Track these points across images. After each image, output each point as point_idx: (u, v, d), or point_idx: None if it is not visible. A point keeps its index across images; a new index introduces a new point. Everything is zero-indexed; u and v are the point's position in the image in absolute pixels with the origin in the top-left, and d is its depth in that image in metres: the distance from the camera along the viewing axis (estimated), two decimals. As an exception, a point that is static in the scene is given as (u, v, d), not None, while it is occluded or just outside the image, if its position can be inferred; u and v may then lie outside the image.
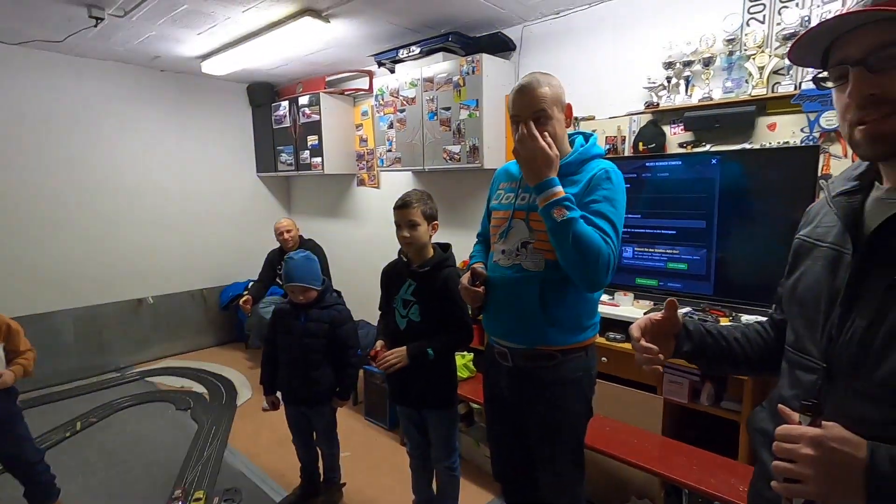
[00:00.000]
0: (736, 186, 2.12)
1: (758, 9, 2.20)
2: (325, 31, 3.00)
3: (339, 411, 2.23)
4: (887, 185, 0.72)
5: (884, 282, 0.67)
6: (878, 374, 0.65)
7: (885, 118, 0.64)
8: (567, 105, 1.42)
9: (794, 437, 0.65)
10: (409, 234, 1.78)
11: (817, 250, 0.79)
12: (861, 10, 0.63)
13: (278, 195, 5.15)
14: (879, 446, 0.61)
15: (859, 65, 0.64)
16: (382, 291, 1.99)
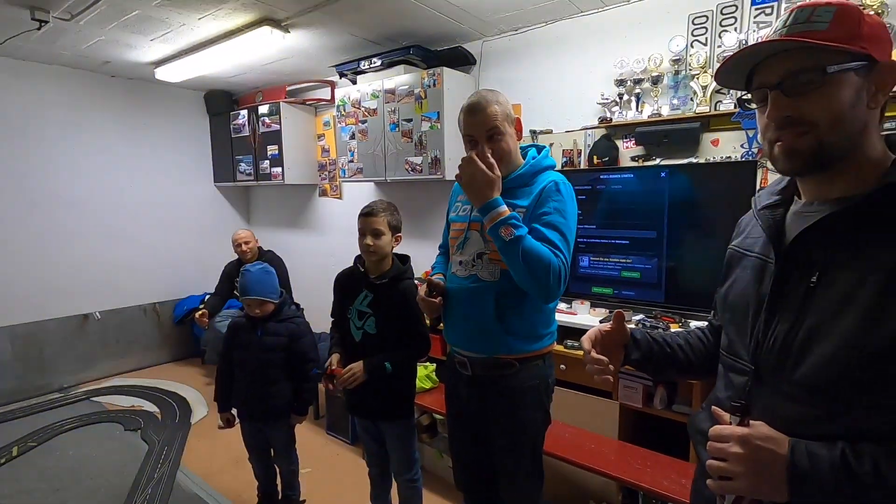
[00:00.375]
0: (683, 198, 2.23)
1: (700, 32, 2.34)
2: (285, 41, 2.97)
3: (299, 426, 2.18)
4: (803, 200, 0.78)
5: (801, 288, 0.72)
6: (797, 374, 0.70)
7: (799, 137, 0.69)
8: (516, 119, 1.46)
9: (724, 436, 0.69)
10: (372, 242, 1.77)
11: (746, 260, 0.84)
12: (776, 39, 0.70)
13: (237, 205, 5.02)
14: (799, 442, 0.65)
15: (776, 89, 0.70)
16: (335, 298, 1.96)
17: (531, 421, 1.46)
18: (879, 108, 0.70)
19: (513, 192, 1.41)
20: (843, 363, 0.65)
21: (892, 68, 0.69)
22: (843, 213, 0.69)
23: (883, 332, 0.62)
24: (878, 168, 0.70)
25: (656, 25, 2.45)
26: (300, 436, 2.24)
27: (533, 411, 1.46)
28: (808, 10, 0.68)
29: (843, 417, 0.66)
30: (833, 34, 0.66)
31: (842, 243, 0.69)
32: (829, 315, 0.68)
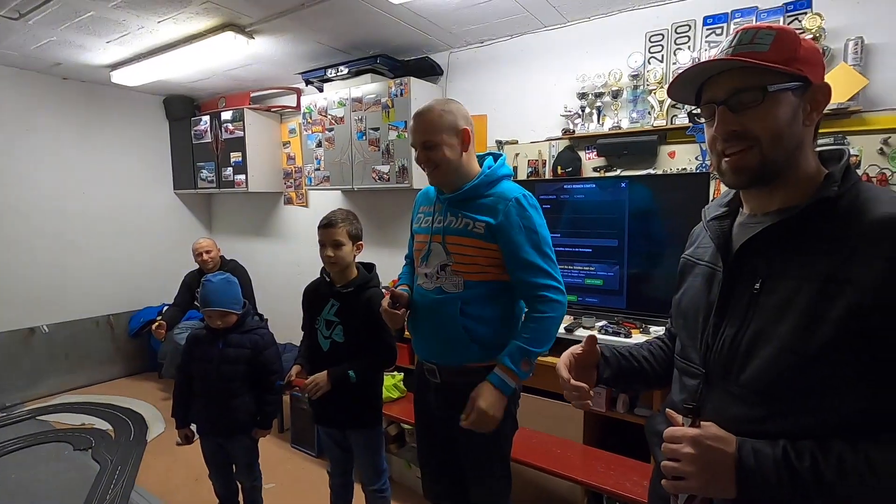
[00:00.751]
0: (642, 208, 2.31)
1: (657, 49, 2.45)
2: (250, 47, 2.93)
3: (262, 440, 2.12)
4: (747, 212, 0.83)
5: (746, 295, 0.77)
6: (742, 376, 0.74)
7: (744, 151, 0.74)
8: (464, 130, 1.42)
9: (677, 437, 0.72)
10: (333, 253, 1.78)
11: (697, 268, 0.89)
12: (722, 58, 0.74)
13: (198, 213, 4.88)
14: (745, 441, 0.69)
15: (723, 105, 0.75)
16: (304, 311, 1.96)
17: (499, 428, 1.47)
18: (813, 126, 0.76)
19: (468, 204, 1.43)
20: (783, 366, 0.70)
21: (824, 89, 0.74)
22: (780, 226, 0.74)
23: (816, 337, 0.67)
24: (812, 182, 0.75)
25: (615, 42, 2.54)
26: (263, 450, 2.18)
27: (501, 418, 1.47)
28: (751, 33, 0.73)
29: (784, 417, 0.70)
30: (773, 56, 0.71)
31: (780, 253, 0.74)
32: (770, 320, 0.72)
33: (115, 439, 3.17)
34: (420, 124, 1.42)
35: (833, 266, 0.68)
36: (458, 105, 1.45)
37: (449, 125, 1.41)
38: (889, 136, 1.96)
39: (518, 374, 1.37)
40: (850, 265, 0.66)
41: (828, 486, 0.63)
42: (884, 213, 0.67)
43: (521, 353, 1.36)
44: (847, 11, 2.02)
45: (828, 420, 0.68)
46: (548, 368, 2.31)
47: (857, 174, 0.75)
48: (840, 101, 1.97)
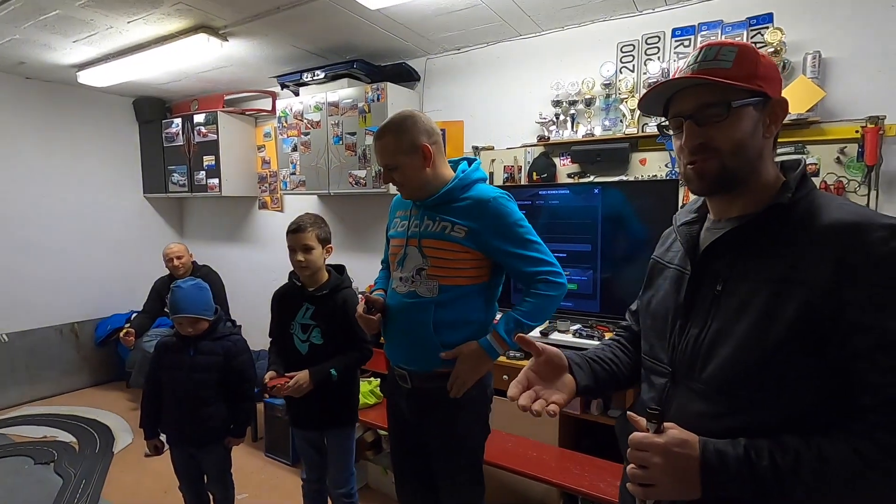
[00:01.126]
0: (615, 213, 2.37)
1: (628, 59, 2.52)
2: (223, 49, 2.88)
3: (237, 448, 2.08)
4: (713, 217, 0.87)
5: (709, 296, 0.80)
6: (705, 374, 0.77)
7: (707, 160, 0.78)
8: (423, 147, 1.41)
9: (645, 445, 0.73)
10: (303, 257, 1.81)
11: (667, 271, 0.92)
12: (687, 76, 0.78)
13: (169, 218, 4.76)
14: (708, 442, 0.71)
15: (689, 118, 0.78)
16: (273, 317, 1.97)
17: (470, 432, 1.48)
18: (773, 138, 0.80)
19: (445, 207, 1.44)
20: (741, 363, 0.73)
21: (782, 103, 0.79)
22: (739, 230, 0.78)
23: (771, 336, 0.70)
24: (771, 190, 0.79)
25: (588, 51, 2.60)
26: (236, 459, 2.13)
27: (471, 423, 1.48)
28: (715, 49, 0.78)
29: (742, 412, 0.73)
30: (735, 72, 0.75)
31: (740, 257, 0.78)
32: (730, 321, 0.75)
33: (80, 452, 3.05)
34: (378, 148, 1.45)
35: (786, 268, 0.71)
36: (417, 119, 1.43)
37: (407, 146, 1.41)
38: (845, 146, 2.06)
39: (508, 344, 1.39)
40: (802, 267, 0.70)
41: (786, 482, 0.66)
42: (832, 218, 0.71)
43: (516, 325, 1.39)
44: (805, 27, 2.12)
45: (783, 415, 0.71)
46: (524, 372, 2.34)
47: (813, 182, 0.79)
48: (800, 112, 2.05)
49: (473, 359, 1.40)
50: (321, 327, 1.84)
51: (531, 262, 1.40)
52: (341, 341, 1.84)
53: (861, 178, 2.04)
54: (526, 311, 1.40)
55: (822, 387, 0.69)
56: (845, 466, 0.64)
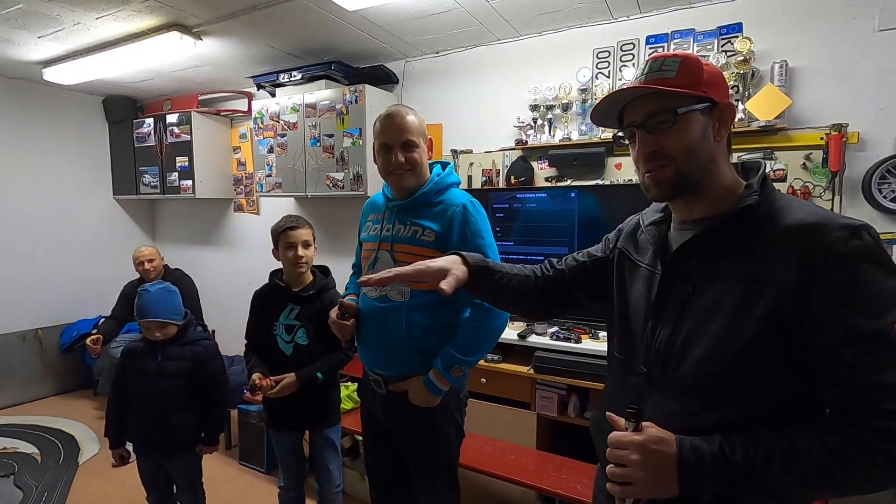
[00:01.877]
0: (591, 217, 2.40)
1: (604, 65, 2.56)
2: (197, 48, 2.82)
3: (209, 456, 2.02)
4: (679, 219, 0.88)
5: (680, 297, 0.81)
6: (678, 374, 0.79)
7: (663, 168, 0.80)
8: (430, 138, 1.49)
9: (623, 443, 0.74)
10: (303, 253, 1.84)
11: (639, 270, 0.92)
12: (636, 86, 0.80)
13: (140, 220, 4.63)
14: (684, 440, 0.72)
15: (641, 127, 0.81)
16: (252, 317, 1.95)
17: (444, 436, 1.47)
18: (725, 141, 0.83)
19: (417, 211, 1.43)
20: (713, 363, 0.75)
21: (729, 108, 0.81)
22: (708, 233, 0.80)
23: (742, 335, 0.72)
24: (730, 192, 0.81)
25: (565, 56, 2.63)
26: (209, 468, 2.07)
27: (446, 427, 1.47)
28: (660, 61, 0.80)
29: (716, 411, 0.75)
30: (679, 81, 0.77)
31: (709, 258, 0.80)
32: (702, 321, 0.77)
33: (42, 463, 2.93)
34: (400, 125, 1.41)
35: (754, 269, 0.73)
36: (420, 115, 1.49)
37: (421, 129, 1.45)
38: (811, 153, 2.13)
39: (450, 381, 1.38)
40: (768, 267, 0.72)
41: (759, 475, 0.67)
42: (794, 219, 0.73)
43: (452, 361, 1.37)
44: (773, 37, 2.19)
45: (755, 411, 0.72)
46: (500, 374, 2.35)
47: (772, 184, 0.82)
48: (768, 119, 2.11)
49: (420, 394, 1.40)
50: (307, 328, 1.85)
51: None
52: (326, 342, 1.84)
53: (826, 184, 2.11)
54: (461, 347, 1.38)
55: (791, 383, 0.72)
56: (814, 458, 0.66)
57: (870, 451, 0.64)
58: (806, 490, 0.69)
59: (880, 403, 0.65)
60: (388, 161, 1.42)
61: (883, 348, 0.66)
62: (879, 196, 2.02)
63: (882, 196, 2.02)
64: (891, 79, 2.01)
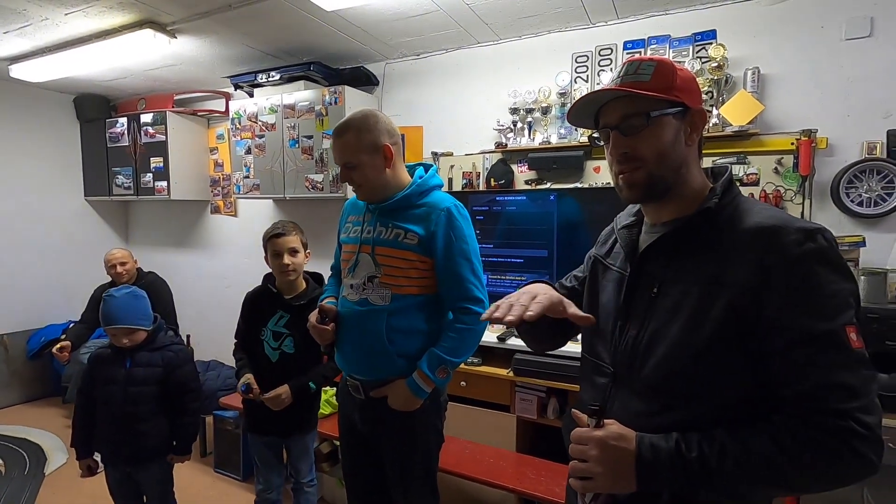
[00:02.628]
0: (570, 219, 2.41)
1: (582, 69, 2.58)
2: (172, 46, 2.77)
3: (183, 465, 1.96)
4: (649, 222, 0.89)
5: (646, 298, 0.82)
6: (642, 374, 0.80)
7: (636, 170, 0.81)
8: (385, 147, 1.38)
9: (584, 439, 0.75)
10: (290, 261, 1.80)
11: (610, 273, 0.94)
12: (611, 88, 0.81)
13: (112, 222, 4.51)
14: (643, 437, 0.73)
15: (615, 129, 0.81)
16: (243, 319, 1.93)
17: (423, 442, 1.45)
18: (696, 146, 0.84)
19: (400, 213, 1.42)
20: (675, 363, 0.76)
21: (700, 113, 0.83)
22: (671, 235, 0.81)
23: (702, 335, 0.73)
24: (699, 196, 0.82)
25: (545, 60, 2.65)
26: (183, 477, 2.02)
27: (424, 432, 1.45)
28: (635, 64, 0.81)
29: (678, 409, 0.76)
30: (654, 85, 0.78)
31: (673, 260, 0.81)
32: (665, 321, 0.78)
33: (6, 474, 2.82)
34: (338, 145, 1.39)
35: (714, 270, 0.75)
36: (379, 119, 1.40)
37: (369, 144, 1.37)
38: (782, 157, 2.18)
39: (434, 381, 1.38)
40: (727, 269, 0.74)
41: (713, 472, 0.68)
42: (754, 222, 0.75)
43: (438, 361, 1.37)
44: (746, 44, 2.24)
45: (716, 409, 0.74)
46: (479, 377, 2.34)
47: (738, 188, 0.83)
48: (741, 125, 2.16)
49: (402, 398, 1.39)
50: (294, 337, 1.82)
51: (462, 282, 1.39)
52: (313, 352, 1.82)
53: (797, 188, 2.16)
54: (448, 348, 1.38)
55: (748, 383, 0.73)
56: (764, 456, 0.67)
57: (818, 449, 0.66)
58: (758, 488, 0.70)
59: (830, 403, 0.66)
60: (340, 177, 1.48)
61: (833, 349, 0.67)
62: (847, 200, 2.08)
63: (850, 200, 2.08)
64: (857, 86, 2.07)
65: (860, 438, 0.65)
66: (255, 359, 1.85)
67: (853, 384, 0.66)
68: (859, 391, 0.66)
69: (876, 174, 2.03)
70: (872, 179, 2.03)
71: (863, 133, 2.07)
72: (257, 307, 1.89)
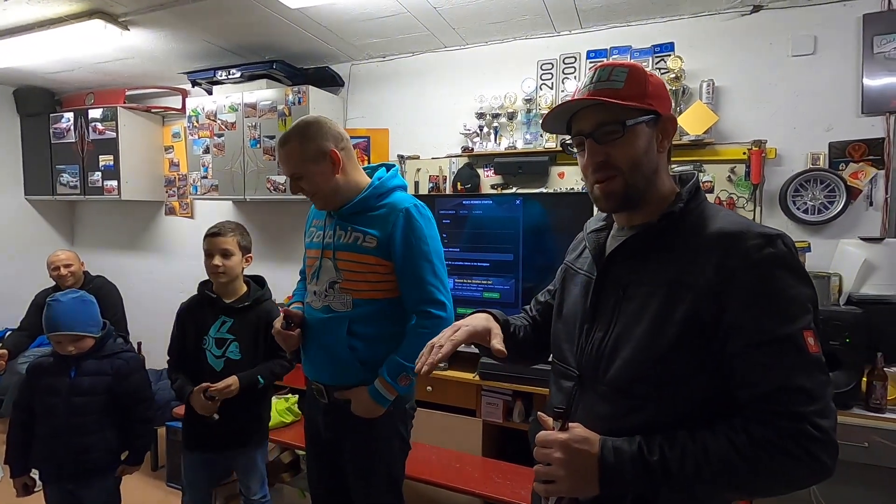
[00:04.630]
0: (535, 224, 2.44)
1: (547, 77, 2.63)
2: (124, 39, 2.63)
3: (133, 479, 1.85)
4: (619, 226, 0.90)
5: (612, 301, 0.83)
6: (608, 376, 0.80)
7: (612, 179, 0.81)
8: (331, 153, 1.35)
9: (549, 442, 0.75)
10: (221, 262, 1.71)
11: (578, 277, 0.94)
12: (582, 97, 0.81)
13: (56, 223, 4.24)
14: (606, 440, 0.73)
15: (590, 137, 0.81)
16: (177, 332, 1.81)
17: (388, 450, 1.43)
18: (666, 152, 0.85)
19: (358, 217, 1.39)
20: (639, 364, 0.77)
21: (672, 120, 0.84)
22: (637, 237, 0.82)
23: (665, 337, 0.75)
24: (667, 201, 0.84)
25: (511, 67, 2.68)
26: (133, 492, 1.91)
27: (390, 440, 1.43)
28: (608, 70, 0.81)
29: (641, 411, 0.76)
30: (627, 92, 0.79)
31: (638, 263, 0.82)
32: (631, 323, 0.79)
33: (-70, 497, 2.58)
34: (282, 156, 1.38)
35: (678, 273, 0.76)
36: (322, 125, 1.36)
37: (313, 153, 1.34)
38: (735, 166, 2.28)
39: (396, 389, 1.35)
40: (690, 272, 0.75)
41: (673, 473, 0.69)
42: (717, 227, 0.77)
43: (399, 368, 1.34)
44: (701, 57, 2.33)
45: (679, 411, 0.75)
46: (446, 382, 2.33)
47: (704, 194, 0.85)
48: (697, 134, 2.25)
49: (364, 405, 1.36)
50: (239, 342, 1.74)
51: (423, 285, 1.36)
52: (261, 356, 1.76)
53: (748, 195, 2.27)
54: (410, 353, 1.33)
55: (710, 384, 0.74)
56: (722, 457, 0.68)
57: (772, 450, 0.67)
58: (717, 489, 0.71)
59: (786, 406, 0.68)
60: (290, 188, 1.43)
61: (791, 353, 0.69)
62: (794, 207, 2.19)
63: (796, 207, 2.19)
64: (803, 100, 2.20)
65: (815, 442, 0.66)
66: (200, 371, 1.73)
67: (809, 388, 0.68)
68: (815, 395, 0.68)
69: (819, 183, 2.15)
70: (816, 188, 2.15)
71: (808, 144, 2.19)
72: (196, 316, 1.78)
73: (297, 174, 1.36)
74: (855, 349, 1.77)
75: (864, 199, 2.13)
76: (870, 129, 2.11)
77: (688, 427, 0.72)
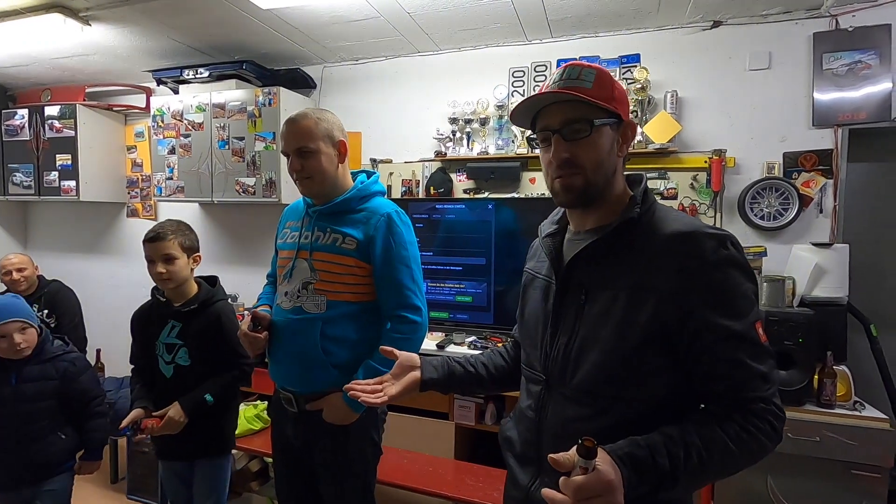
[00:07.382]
0: (507, 229, 2.48)
1: (519, 84, 2.67)
2: (84, 34, 2.54)
3: (91, 492, 1.78)
4: (573, 229, 0.92)
5: (574, 306, 0.85)
6: (574, 380, 0.82)
7: (573, 176, 0.83)
8: (340, 142, 1.40)
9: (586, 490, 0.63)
10: (164, 269, 1.61)
11: (537, 281, 0.96)
12: (551, 91, 0.82)
13: (8, 225, 4.03)
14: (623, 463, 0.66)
15: (557, 133, 0.83)
16: (135, 340, 1.74)
17: (359, 456, 1.41)
18: (623, 157, 0.88)
19: (339, 218, 1.39)
20: (605, 367, 0.79)
21: (632, 126, 0.88)
22: (597, 243, 0.84)
23: (629, 339, 0.77)
24: (620, 203, 0.86)
25: (483, 73, 2.72)
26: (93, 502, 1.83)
27: (361, 445, 1.41)
28: (577, 69, 0.83)
29: (609, 413, 0.79)
30: (595, 93, 0.81)
31: (599, 268, 0.84)
32: (594, 328, 0.81)
33: None
34: (295, 130, 1.35)
35: (639, 276, 0.79)
36: (333, 115, 1.42)
37: (326, 133, 1.37)
38: (697, 174, 2.38)
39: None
40: (651, 274, 0.78)
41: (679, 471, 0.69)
42: (671, 229, 0.79)
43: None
44: (665, 68, 2.43)
45: (646, 410, 0.78)
46: (420, 386, 2.32)
47: (653, 196, 0.88)
48: (661, 143, 2.33)
49: (338, 411, 1.33)
50: (188, 347, 1.64)
51: (400, 289, 1.36)
52: (215, 361, 1.66)
53: (709, 202, 2.36)
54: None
55: (673, 381, 0.78)
56: (719, 446, 0.72)
57: (754, 432, 0.73)
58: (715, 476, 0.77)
59: (755, 392, 0.74)
60: (288, 167, 1.38)
61: (750, 344, 0.75)
62: (751, 214, 2.30)
63: (753, 214, 2.30)
64: (759, 112, 2.31)
65: (777, 418, 0.74)
66: (155, 378, 1.68)
67: (766, 372, 0.75)
68: (771, 378, 0.75)
69: (774, 191, 2.26)
70: (772, 196, 2.27)
71: (764, 154, 2.31)
72: (148, 322, 1.72)
73: (307, 149, 1.33)
74: (807, 349, 1.87)
75: (815, 207, 2.25)
76: (820, 140, 2.24)
77: (654, 423, 0.74)
